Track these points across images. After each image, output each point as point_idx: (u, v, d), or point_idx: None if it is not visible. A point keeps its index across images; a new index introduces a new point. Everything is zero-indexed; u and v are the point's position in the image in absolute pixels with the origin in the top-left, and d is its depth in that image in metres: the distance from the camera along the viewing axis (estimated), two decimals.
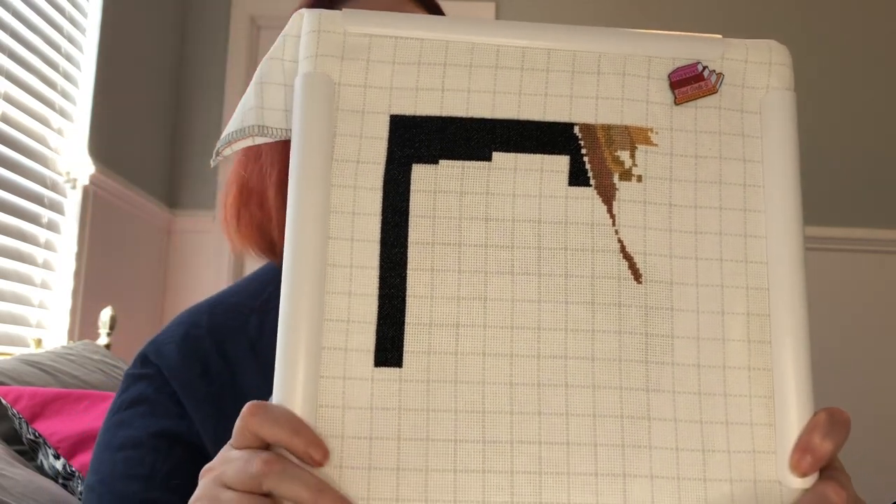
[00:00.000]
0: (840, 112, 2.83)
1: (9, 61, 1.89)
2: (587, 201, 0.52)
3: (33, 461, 1.24)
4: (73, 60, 2.22)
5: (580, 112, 0.53)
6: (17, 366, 1.40)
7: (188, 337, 0.73)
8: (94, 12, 2.28)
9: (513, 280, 0.50)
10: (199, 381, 0.70)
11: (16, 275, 1.94)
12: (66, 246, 2.15)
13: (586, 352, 0.50)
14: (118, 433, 0.69)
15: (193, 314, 0.76)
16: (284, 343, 0.48)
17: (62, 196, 2.14)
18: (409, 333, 0.49)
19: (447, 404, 0.49)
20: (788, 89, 0.54)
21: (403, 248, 0.50)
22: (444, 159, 0.52)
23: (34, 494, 1.05)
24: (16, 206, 1.92)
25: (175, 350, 0.72)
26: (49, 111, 2.09)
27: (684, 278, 0.51)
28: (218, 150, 0.55)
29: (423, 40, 0.53)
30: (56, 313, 2.10)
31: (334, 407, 0.48)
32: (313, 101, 0.51)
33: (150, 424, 0.69)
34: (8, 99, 1.90)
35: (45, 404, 1.28)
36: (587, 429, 0.49)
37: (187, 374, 0.70)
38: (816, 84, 2.84)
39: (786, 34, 2.81)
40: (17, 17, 1.93)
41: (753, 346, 0.51)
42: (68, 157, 2.17)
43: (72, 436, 1.24)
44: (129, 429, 0.69)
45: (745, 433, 0.50)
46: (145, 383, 0.71)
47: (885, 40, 2.87)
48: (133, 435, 0.68)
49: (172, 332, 0.74)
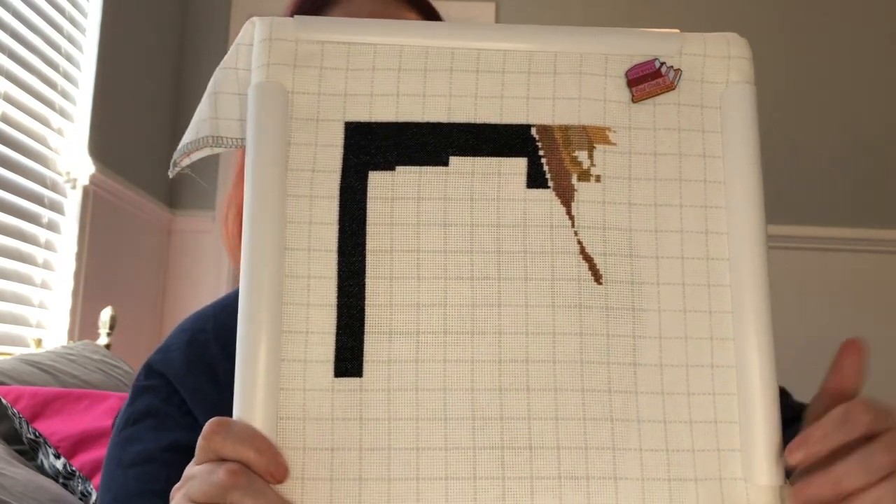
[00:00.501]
0: (840, 111, 2.83)
1: (9, 61, 1.89)
2: (546, 203, 0.51)
3: (33, 461, 1.24)
4: (73, 60, 2.22)
5: (537, 113, 0.53)
6: (17, 366, 1.40)
7: (194, 342, 0.72)
8: (94, 12, 2.28)
9: (472, 285, 0.50)
10: (207, 387, 0.68)
11: (16, 275, 1.94)
12: (66, 246, 2.15)
13: (547, 355, 0.50)
14: (128, 449, 0.68)
15: (198, 319, 0.75)
16: (243, 356, 0.48)
17: (62, 196, 2.14)
18: (369, 343, 0.49)
19: (408, 413, 0.48)
20: (748, 83, 0.53)
21: (361, 257, 0.50)
22: (401, 165, 0.51)
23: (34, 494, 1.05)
24: (16, 206, 1.92)
25: (181, 357, 0.71)
26: (49, 111, 2.09)
27: (645, 277, 0.51)
28: (175, 161, 0.55)
29: (377, 45, 0.53)
30: (56, 313, 2.10)
31: (295, 419, 0.48)
32: (266, 111, 0.51)
33: (160, 438, 0.67)
34: (8, 99, 1.90)
35: (45, 404, 1.28)
36: (550, 432, 0.49)
37: (195, 381, 0.69)
38: (816, 81, 2.84)
39: (781, 27, 2.81)
40: (17, 17, 1.93)
41: (716, 343, 0.51)
42: (68, 157, 2.17)
43: (72, 435, 1.24)
44: (139, 444, 0.67)
45: (709, 431, 0.49)
46: (152, 395, 0.70)
47: (886, 37, 2.87)
48: (144, 450, 0.67)
49: (177, 338, 0.73)
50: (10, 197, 1.90)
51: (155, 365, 0.71)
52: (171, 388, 0.69)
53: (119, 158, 2.38)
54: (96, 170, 2.20)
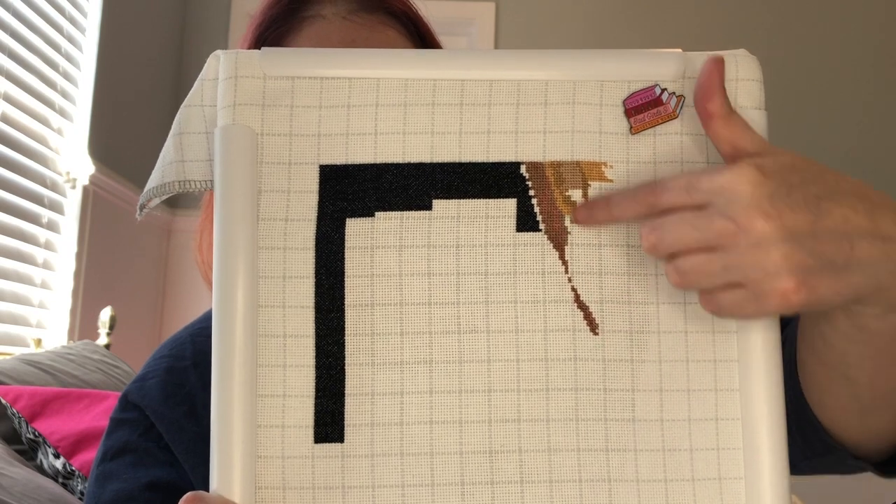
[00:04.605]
0: (841, 109, 2.83)
1: (9, 61, 1.89)
2: (537, 248, 0.48)
3: (33, 460, 1.24)
4: (73, 60, 2.22)
5: (526, 149, 0.48)
6: (17, 366, 1.40)
7: (172, 371, 0.69)
8: (94, 12, 2.28)
9: (459, 339, 0.47)
10: (184, 420, 0.66)
11: (16, 275, 1.94)
12: (66, 246, 2.15)
13: (541, 413, 0.47)
14: (107, 487, 0.65)
15: (175, 345, 0.72)
16: (218, 422, 0.46)
17: (62, 196, 2.14)
18: (350, 405, 0.47)
19: (393, 479, 0.46)
20: (758, 108, 0.49)
21: (340, 313, 0.47)
22: (381, 211, 0.48)
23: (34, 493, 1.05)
24: (16, 206, 1.92)
25: (158, 387, 0.68)
26: (49, 111, 2.09)
27: (644, 325, 0.48)
28: (141, 203, 0.52)
29: (352, 80, 0.48)
30: (56, 313, 2.10)
31: (274, 488, 0.46)
32: (234, 157, 0.47)
33: (139, 476, 0.64)
34: (8, 99, 1.90)
35: (44, 404, 1.28)
36: (544, 496, 0.46)
37: (172, 413, 0.66)
38: (821, 79, 2.84)
39: (791, 32, 2.81)
40: (17, 17, 1.93)
41: (721, 395, 0.47)
42: (68, 157, 2.17)
43: (71, 435, 1.24)
44: (118, 481, 0.65)
45: (713, 489, 0.47)
46: (129, 429, 0.67)
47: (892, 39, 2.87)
48: (123, 488, 0.64)
49: (154, 366, 0.70)
50: (10, 197, 1.90)
51: (131, 396, 0.68)
52: (148, 422, 0.67)
53: (119, 158, 2.38)
54: (96, 170, 2.20)
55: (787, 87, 2.78)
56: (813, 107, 2.82)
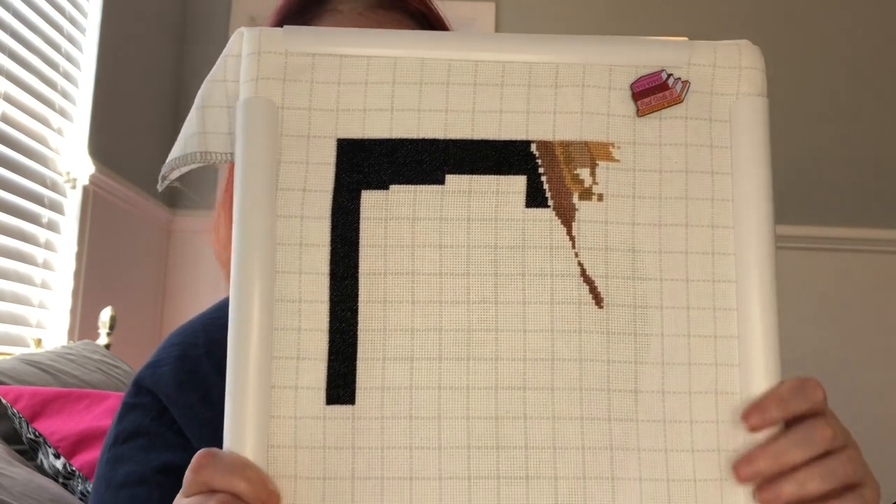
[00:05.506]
0: (840, 109, 2.83)
1: (9, 61, 1.89)
2: (545, 223, 0.50)
3: (33, 460, 1.24)
4: (73, 60, 2.22)
5: (537, 129, 0.50)
6: (17, 366, 1.40)
7: (185, 358, 0.69)
8: (94, 12, 2.28)
9: (469, 309, 0.49)
10: (199, 405, 0.66)
11: (16, 275, 1.94)
12: (66, 246, 2.15)
13: (546, 382, 0.48)
14: (118, 469, 0.65)
15: (188, 333, 0.72)
16: (233, 382, 0.47)
17: (62, 196, 2.14)
18: (362, 369, 0.48)
19: (402, 441, 0.47)
20: (760, 95, 0.51)
21: (354, 280, 0.49)
22: (395, 184, 0.50)
23: (34, 493, 1.05)
24: (16, 206, 1.92)
25: (171, 373, 0.68)
26: (49, 111, 2.09)
27: (648, 301, 0.49)
28: (163, 174, 0.53)
29: (370, 58, 0.50)
30: (56, 313, 2.10)
31: (286, 447, 0.47)
32: (255, 128, 0.49)
33: (151, 459, 0.64)
34: (8, 99, 1.90)
35: (45, 404, 1.28)
36: (547, 462, 0.47)
37: (186, 398, 0.67)
38: (819, 77, 2.84)
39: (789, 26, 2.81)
40: (17, 17, 1.93)
41: (721, 369, 0.49)
42: (68, 157, 2.17)
43: (72, 435, 1.24)
44: (129, 464, 0.65)
45: (712, 461, 0.48)
46: (141, 413, 0.67)
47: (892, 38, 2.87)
48: (135, 471, 0.64)
49: (168, 352, 0.70)
50: (10, 197, 1.90)
51: (144, 381, 0.69)
52: (161, 406, 0.67)
53: (119, 158, 2.38)
54: (96, 170, 2.20)
55: (789, 79, 2.79)
56: (812, 100, 2.82)
